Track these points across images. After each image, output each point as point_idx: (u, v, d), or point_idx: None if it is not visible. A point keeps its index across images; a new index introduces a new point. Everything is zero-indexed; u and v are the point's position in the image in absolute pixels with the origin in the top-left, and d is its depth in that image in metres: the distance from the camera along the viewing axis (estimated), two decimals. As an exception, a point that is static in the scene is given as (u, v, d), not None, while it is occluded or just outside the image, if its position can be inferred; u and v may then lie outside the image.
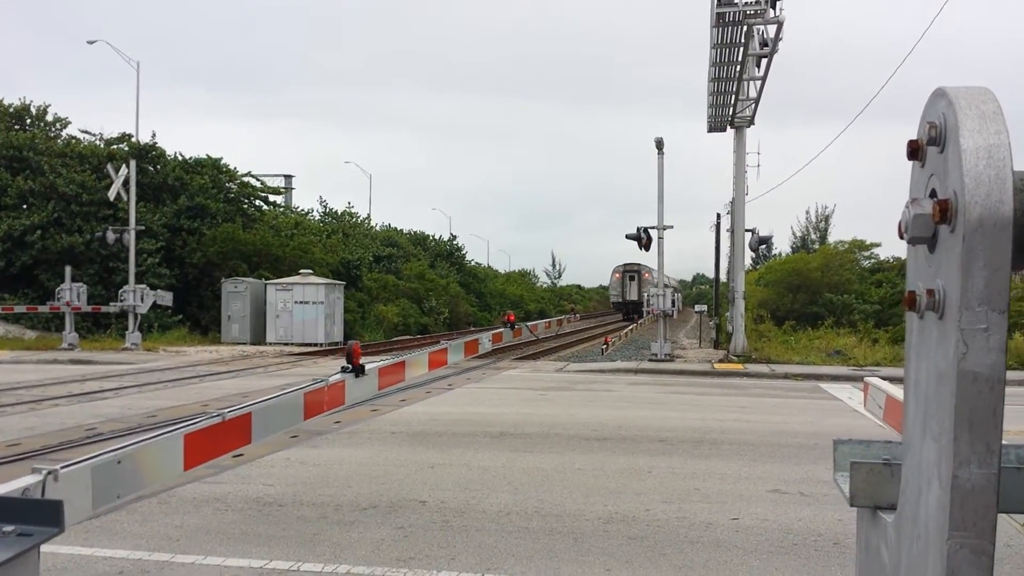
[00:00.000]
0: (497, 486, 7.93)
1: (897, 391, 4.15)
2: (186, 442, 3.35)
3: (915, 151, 1.43)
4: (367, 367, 5.12)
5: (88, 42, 43.90)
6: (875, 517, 1.77)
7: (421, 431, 11.10)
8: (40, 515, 1.99)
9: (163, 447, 3.27)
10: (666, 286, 23.75)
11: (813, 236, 70.22)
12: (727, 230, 27.73)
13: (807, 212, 70.73)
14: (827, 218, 70.80)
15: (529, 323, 11.41)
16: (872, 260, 52.36)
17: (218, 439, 3.54)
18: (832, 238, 64.77)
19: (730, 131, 24.48)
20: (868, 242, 51.09)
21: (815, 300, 43.43)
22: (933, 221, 1.30)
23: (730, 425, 11.74)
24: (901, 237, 1.44)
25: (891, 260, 54.46)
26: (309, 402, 4.39)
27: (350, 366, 4.95)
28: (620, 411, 13.27)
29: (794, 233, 71.09)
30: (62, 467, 2.56)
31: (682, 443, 10.26)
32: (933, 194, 1.35)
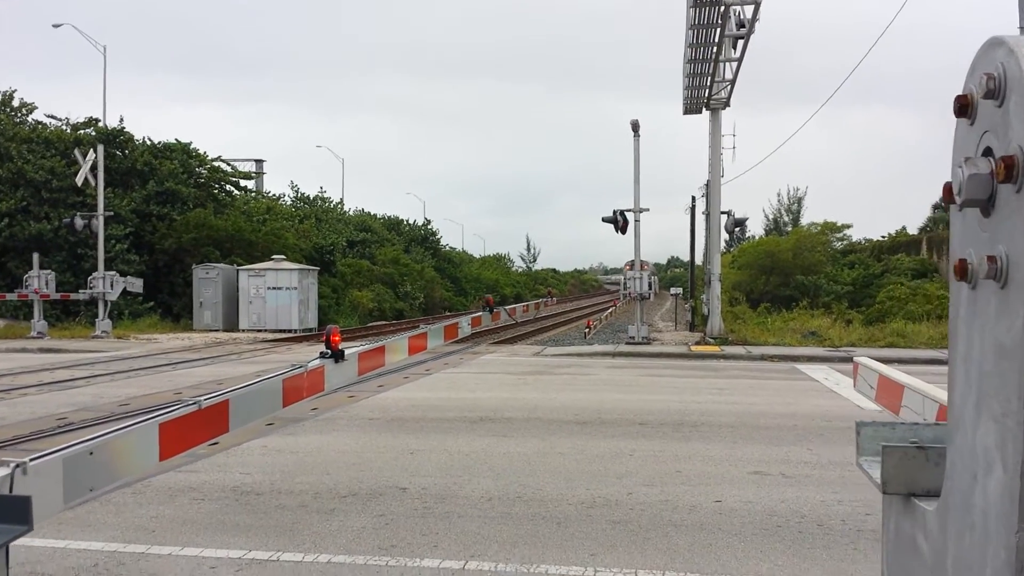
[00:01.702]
0: (478, 471, 7.84)
1: (890, 371, 4.10)
2: (161, 431, 3.23)
3: (964, 107, 1.33)
4: (346, 352, 4.99)
5: (53, 25, 43.10)
6: (908, 505, 1.66)
7: (400, 417, 10.98)
8: (7, 512, 1.87)
9: (137, 437, 3.14)
10: (641, 268, 23.71)
11: (786, 218, 70.61)
12: (703, 212, 27.77)
13: (779, 194, 71.13)
14: (799, 200, 71.18)
15: (507, 307, 11.30)
16: (844, 241, 52.76)
17: (195, 428, 3.42)
18: (804, 220, 65.20)
19: (706, 113, 24.45)
20: (840, 224, 51.41)
21: (788, 282, 43.67)
22: (994, 180, 1.20)
23: (709, 407, 11.73)
24: (950, 202, 1.34)
25: (863, 242, 54.96)
26: (288, 388, 4.26)
27: (329, 351, 4.83)
28: (599, 395, 13.23)
29: (766, 216, 71.46)
30: (31, 459, 2.42)
31: (662, 426, 10.23)
32: (987, 152, 1.25)
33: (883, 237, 55.03)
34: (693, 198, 39.55)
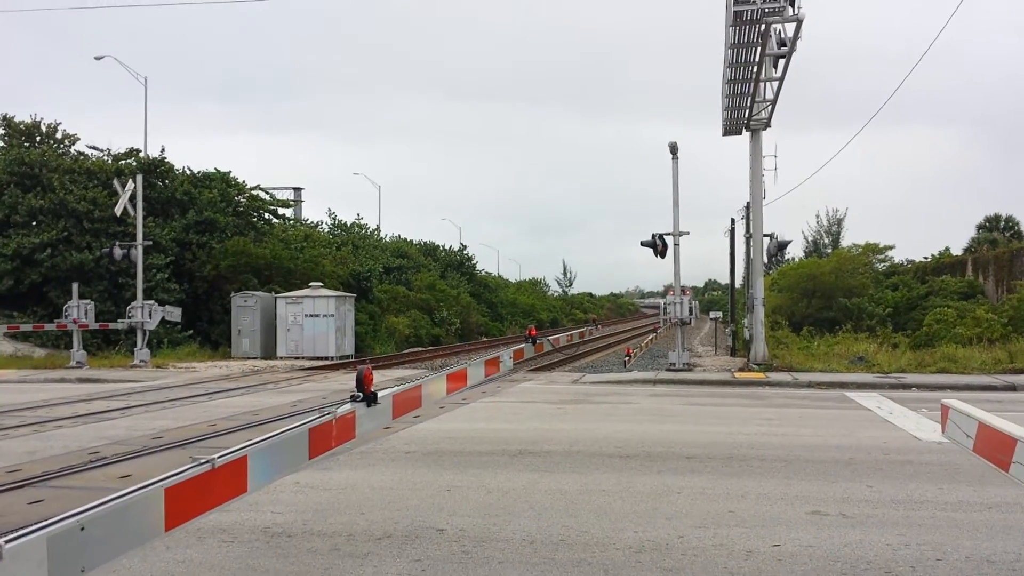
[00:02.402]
0: (519, 511, 7.47)
1: (995, 420, 3.67)
2: (168, 498, 2.91)
3: None
4: (379, 395, 4.66)
5: (96, 58, 43.97)
6: None
7: (436, 450, 10.65)
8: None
9: (138, 506, 2.83)
10: (683, 293, 23.22)
11: (825, 240, 69.62)
12: (745, 236, 27.22)
13: (818, 216, 70.22)
14: (839, 222, 70.21)
15: (551, 336, 10.94)
16: (886, 263, 51.73)
17: (206, 491, 3.10)
18: (845, 242, 64.19)
19: (745, 134, 23.98)
20: (882, 245, 50.52)
21: (830, 305, 42.80)
22: None
23: (759, 439, 11.24)
24: None
25: (905, 263, 53.89)
26: (315, 439, 3.94)
27: (360, 394, 4.50)
28: (641, 425, 12.79)
29: (805, 237, 70.50)
30: (7, 540, 2.11)
31: (710, 460, 9.78)
32: None
33: (926, 258, 53.90)
34: (732, 220, 38.96)
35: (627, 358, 28.07)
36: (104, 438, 12.03)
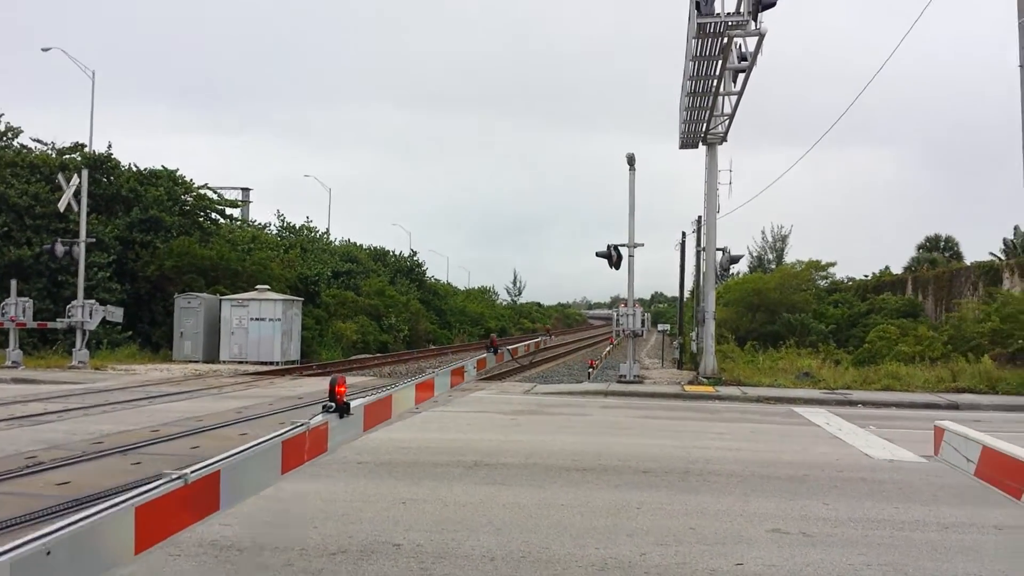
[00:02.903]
0: (477, 525, 7.30)
1: (1003, 445, 3.59)
2: (138, 517, 2.70)
3: None
4: (352, 404, 4.48)
5: (43, 49, 42.62)
6: None
7: (389, 461, 10.43)
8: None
9: (108, 528, 2.62)
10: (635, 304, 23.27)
11: (770, 256, 70.65)
12: (698, 249, 27.39)
13: (763, 232, 71.17)
14: (784, 238, 71.31)
15: (510, 346, 10.79)
16: (828, 280, 52.64)
17: (179, 509, 2.88)
18: (788, 258, 65.21)
19: (702, 148, 24.17)
20: (824, 262, 51.35)
21: (774, 320, 43.38)
22: None
23: (714, 454, 11.22)
24: None
25: (846, 280, 54.88)
26: (287, 452, 3.74)
27: (333, 405, 4.31)
28: (597, 437, 12.70)
29: (750, 253, 71.45)
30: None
31: (667, 474, 9.72)
32: None
33: (866, 276, 55.02)
34: (683, 234, 39.25)
35: (591, 369, 28.09)
36: (41, 442, 11.56)
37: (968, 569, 6.32)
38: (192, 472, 2.99)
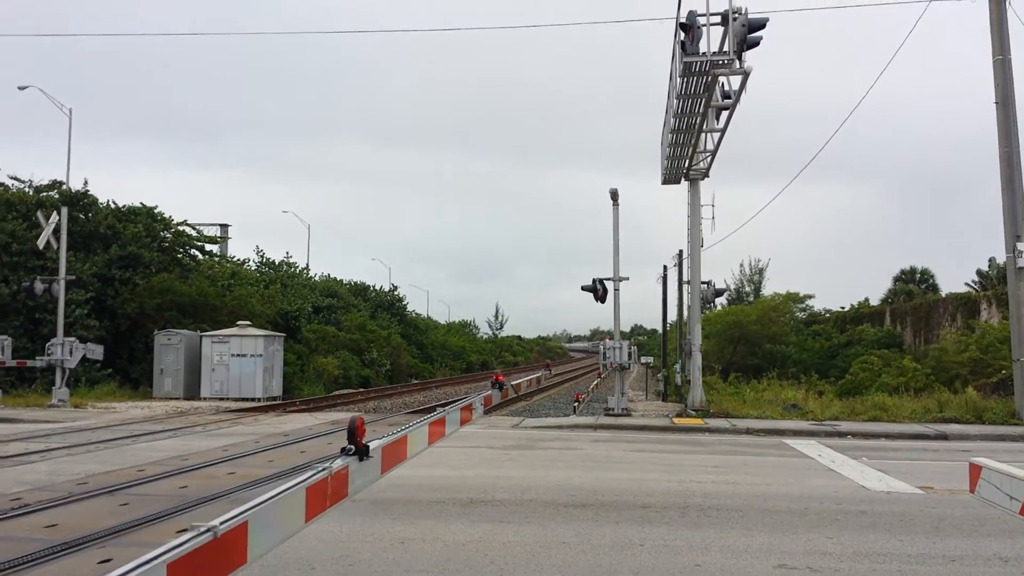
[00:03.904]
0: (479, 566, 7.16)
1: None
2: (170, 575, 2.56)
3: None
4: (371, 446, 4.37)
5: (19, 87, 42.42)
6: None
7: (383, 499, 10.24)
8: None
9: None
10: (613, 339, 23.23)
11: (747, 288, 71.11)
12: (683, 282, 27.46)
13: (741, 265, 71.70)
14: (761, 271, 71.88)
15: (514, 383, 10.70)
16: (806, 312, 52.98)
17: (209, 564, 2.75)
18: (766, 291, 65.69)
19: (684, 184, 24.32)
20: (802, 294, 51.70)
21: (755, 352, 43.56)
22: None
23: (711, 488, 11.13)
24: None
25: (824, 312, 55.25)
26: (311, 499, 3.61)
27: (352, 447, 4.19)
28: (591, 472, 12.57)
29: (728, 286, 71.81)
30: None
31: (667, 509, 9.61)
32: None
33: (843, 308, 55.45)
34: (665, 267, 39.44)
35: (576, 403, 27.97)
36: (25, 483, 11.29)
37: (981, 603, 6.25)
38: (221, 524, 2.87)
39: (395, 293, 66.62)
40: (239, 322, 33.04)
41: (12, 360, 26.19)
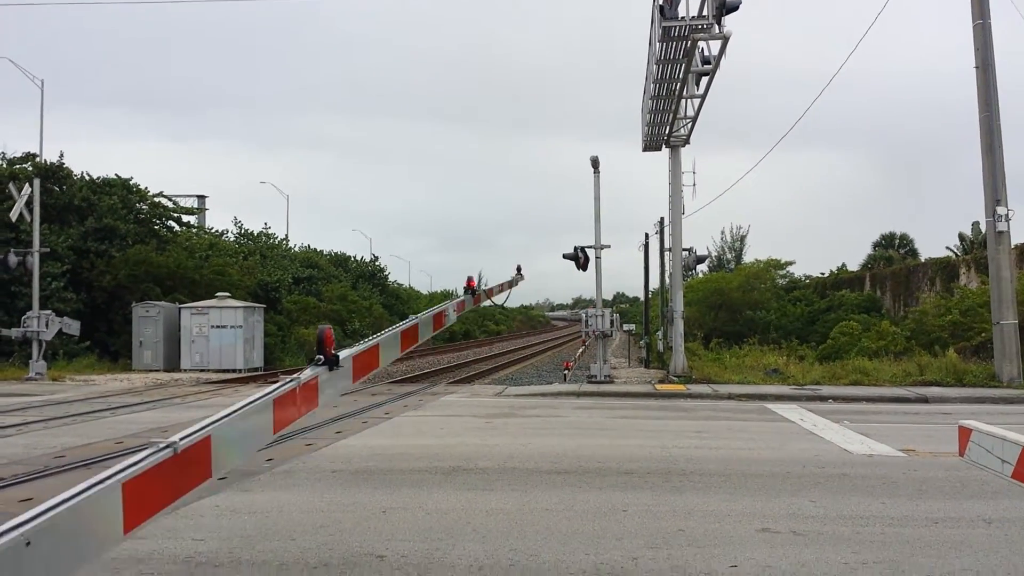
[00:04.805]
0: (462, 533, 7.08)
1: None
2: (126, 494, 2.44)
3: None
4: (340, 355, 4.27)
5: (-11, 57, 41.63)
6: None
7: (364, 468, 10.16)
8: None
9: (93, 509, 2.36)
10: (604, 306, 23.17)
11: (729, 256, 71.31)
12: (664, 249, 27.40)
13: (723, 232, 71.84)
14: (743, 238, 72.07)
15: (487, 288, 10.25)
16: (787, 278, 53.17)
17: (169, 481, 2.63)
18: (747, 258, 65.87)
19: (665, 150, 24.17)
20: (783, 261, 51.84)
21: (736, 318, 43.70)
22: None
23: (693, 453, 11.11)
24: None
25: (804, 279, 55.47)
26: (280, 410, 3.47)
27: (322, 357, 4.09)
28: (574, 439, 12.53)
29: (710, 253, 71.95)
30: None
31: (650, 475, 9.57)
32: None
33: (823, 274, 55.72)
34: (647, 235, 39.26)
35: (566, 371, 27.94)
36: (0, 457, 11.12)
37: (964, 563, 6.23)
38: (181, 440, 2.74)
39: (376, 264, 66.30)
40: (218, 294, 32.73)
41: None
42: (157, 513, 2.72)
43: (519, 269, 11.73)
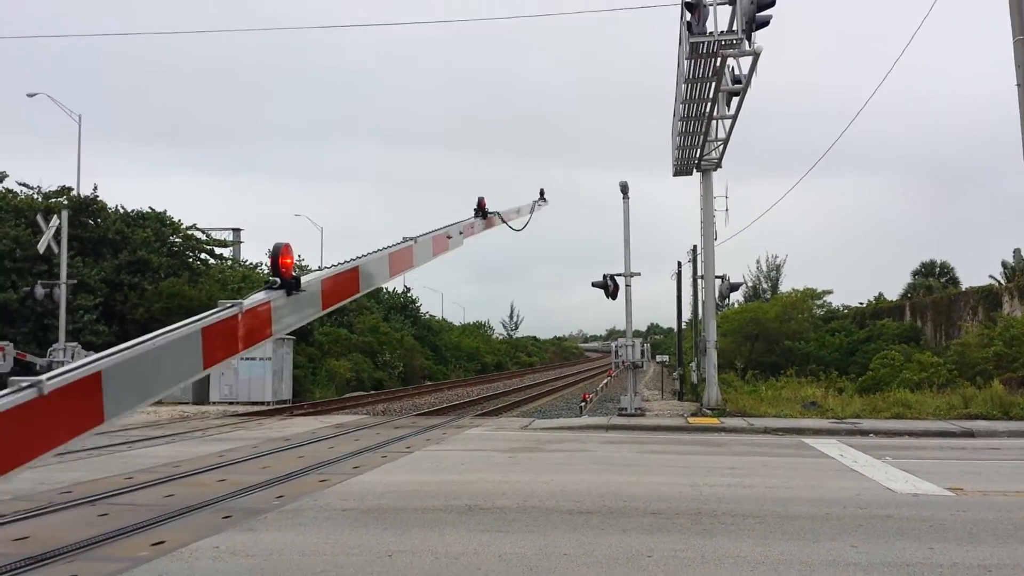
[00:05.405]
0: (471, 581, 6.56)
1: None
2: None
3: None
4: (304, 279, 3.67)
5: (28, 95, 42.21)
6: None
7: (377, 506, 9.67)
8: None
9: None
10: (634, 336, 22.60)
11: (764, 285, 70.15)
12: (696, 277, 26.78)
13: (758, 261, 70.75)
14: (779, 267, 70.88)
15: (501, 211, 9.54)
16: (824, 308, 52.03)
17: (36, 428, 2.16)
18: (783, 287, 64.72)
19: (696, 175, 23.65)
20: (820, 290, 50.79)
21: (773, 349, 42.75)
22: None
23: (726, 492, 10.48)
24: None
25: (842, 308, 54.30)
26: (210, 340, 2.93)
27: (278, 280, 3.51)
28: (600, 476, 11.94)
29: (746, 282, 70.81)
30: None
31: (678, 516, 8.97)
32: None
33: (862, 303, 54.54)
34: (679, 263, 38.65)
35: (583, 403, 27.29)
36: (5, 492, 10.78)
37: (1026, 621, 5.60)
38: (48, 380, 2.25)
39: (408, 295, 66.18)
40: (248, 325, 32.60)
41: (12, 365, 25.80)
42: (21, 466, 2.24)
43: (542, 193, 11.00)
